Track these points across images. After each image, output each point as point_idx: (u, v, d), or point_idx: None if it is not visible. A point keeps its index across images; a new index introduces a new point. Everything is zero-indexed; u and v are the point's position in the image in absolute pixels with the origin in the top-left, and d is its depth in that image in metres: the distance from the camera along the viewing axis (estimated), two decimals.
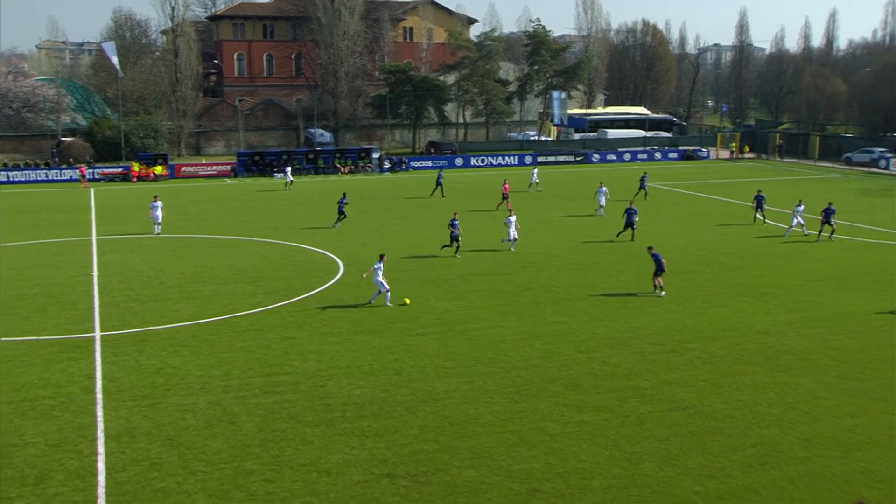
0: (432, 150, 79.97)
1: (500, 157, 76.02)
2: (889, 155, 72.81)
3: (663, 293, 29.35)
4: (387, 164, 71.47)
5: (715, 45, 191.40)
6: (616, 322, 26.39)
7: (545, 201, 52.30)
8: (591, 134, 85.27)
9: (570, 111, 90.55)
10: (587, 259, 35.51)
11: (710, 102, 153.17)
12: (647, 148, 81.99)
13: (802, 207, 40.55)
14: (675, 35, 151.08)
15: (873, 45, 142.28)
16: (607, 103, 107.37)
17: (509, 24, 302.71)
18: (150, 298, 29.20)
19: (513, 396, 20.25)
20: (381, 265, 27.88)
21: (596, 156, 78.54)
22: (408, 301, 28.22)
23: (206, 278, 32.13)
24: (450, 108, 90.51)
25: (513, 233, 36.95)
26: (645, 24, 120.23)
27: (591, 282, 31.62)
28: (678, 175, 67.55)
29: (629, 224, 38.79)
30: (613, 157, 79.05)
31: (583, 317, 26.97)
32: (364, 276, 28.88)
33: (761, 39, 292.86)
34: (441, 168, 66.85)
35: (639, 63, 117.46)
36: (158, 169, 65.67)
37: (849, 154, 77.41)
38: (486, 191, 56.60)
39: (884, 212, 47.23)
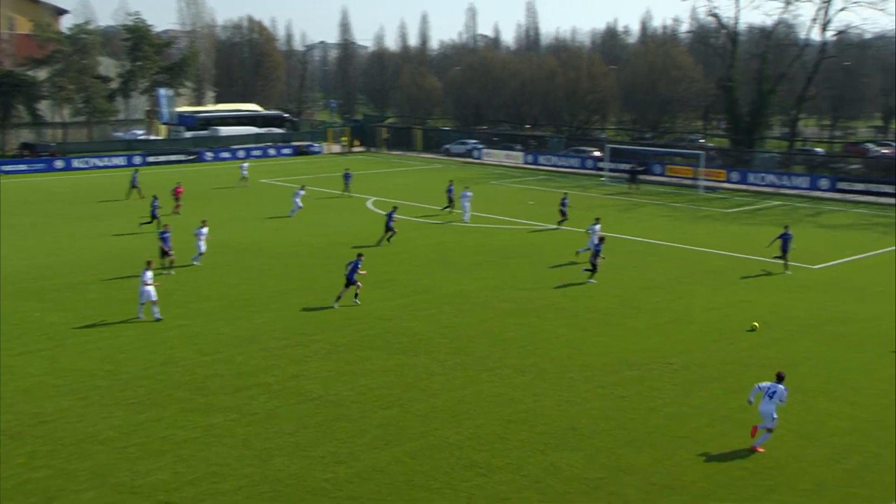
0: (26, 153, 72.99)
1: (105, 159, 71.51)
2: (480, 146, 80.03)
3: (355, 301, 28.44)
4: None
5: (321, 42, 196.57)
6: (240, 321, 26.16)
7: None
8: (203, 132, 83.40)
9: (179, 109, 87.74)
10: (213, 260, 34.69)
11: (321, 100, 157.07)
12: (261, 144, 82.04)
13: (599, 227, 35.59)
14: (281, 32, 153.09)
15: (460, 46, 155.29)
16: (218, 100, 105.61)
17: (105, 17, 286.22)
18: None
19: (135, 408, 19.25)
20: None
21: (209, 154, 77.01)
22: (756, 325, 25.79)
23: None
24: (44, 107, 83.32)
25: (202, 245, 33.77)
26: (251, 20, 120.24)
27: (211, 282, 31.03)
28: (293, 170, 68.52)
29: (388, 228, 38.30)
30: (227, 154, 78.06)
31: (206, 318, 26.37)
32: None
33: (364, 38, 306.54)
34: (136, 168, 60.38)
35: (247, 60, 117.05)
36: None
37: (447, 146, 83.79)
38: (93, 194, 53.10)
39: (479, 198, 51.79)
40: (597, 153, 71.94)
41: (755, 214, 48.67)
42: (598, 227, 35.10)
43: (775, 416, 17.24)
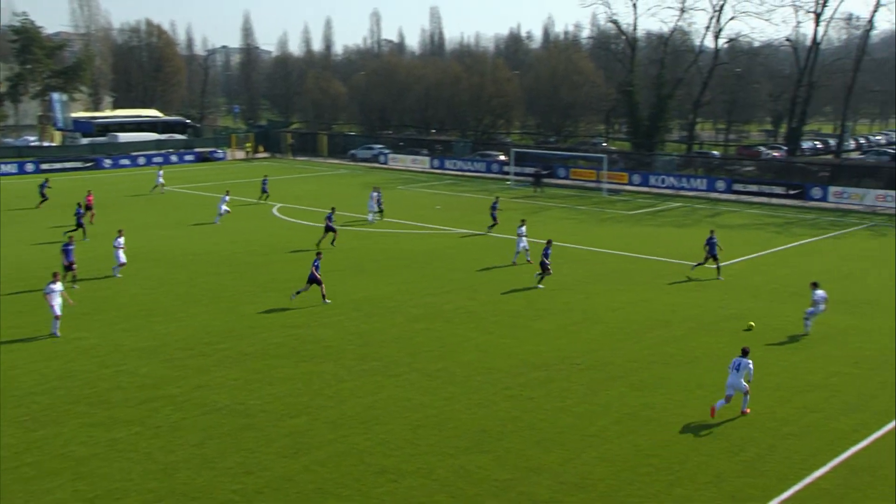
0: None
1: None
2: (387, 151, 79.98)
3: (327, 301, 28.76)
4: None
5: (223, 47, 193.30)
6: (142, 331, 25.48)
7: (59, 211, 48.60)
8: (101, 138, 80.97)
9: (74, 114, 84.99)
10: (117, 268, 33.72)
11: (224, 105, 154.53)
12: (162, 151, 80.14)
13: (524, 228, 35.88)
14: (181, 36, 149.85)
15: (365, 51, 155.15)
16: (116, 106, 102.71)
17: None
18: None
19: (28, 425, 18.52)
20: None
21: (108, 161, 74.77)
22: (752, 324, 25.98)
23: None
24: None
25: (122, 256, 32.69)
26: (149, 23, 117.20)
27: (111, 292, 30.14)
28: (196, 177, 67.13)
29: (330, 228, 38.50)
30: (127, 161, 75.97)
31: (105, 329, 25.58)
32: None
33: (267, 42, 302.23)
34: (46, 176, 57.46)
35: (146, 64, 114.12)
36: None
37: (353, 151, 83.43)
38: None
39: (387, 203, 51.67)
40: (502, 157, 72.72)
41: (657, 216, 49.95)
42: (523, 228, 35.56)
43: (745, 384, 19.13)
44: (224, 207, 45.78)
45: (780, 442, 17.97)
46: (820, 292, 25.66)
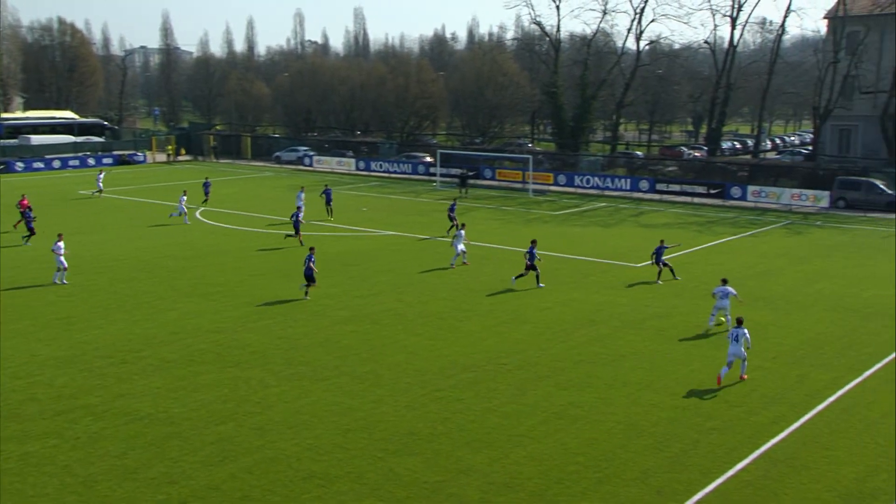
0: None
1: None
2: (311, 153, 79.27)
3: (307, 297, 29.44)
4: None
5: (142, 47, 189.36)
6: (59, 340, 24.69)
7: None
8: (12, 141, 78.32)
9: None
10: (26, 276, 32.59)
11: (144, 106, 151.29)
12: (79, 154, 78.00)
13: (464, 232, 36.00)
14: (97, 35, 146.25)
15: (288, 52, 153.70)
16: (28, 107, 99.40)
17: None
18: None
19: None
20: None
21: (20, 164, 72.47)
22: None
23: None
24: None
25: (63, 261, 31.63)
26: (62, 22, 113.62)
27: (25, 300, 29.16)
28: (115, 180, 65.48)
29: (296, 225, 39.72)
30: (41, 164, 73.74)
31: (19, 339, 24.71)
32: None
33: (187, 43, 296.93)
34: None
35: (60, 64, 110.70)
36: None
37: (278, 153, 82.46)
38: None
39: (312, 205, 51.19)
40: (428, 159, 72.74)
41: (582, 216, 50.56)
42: (463, 232, 35.50)
43: (744, 351, 21.32)
44: (183, 207, 46.04)
45: (703, 437, 18.31)
46: (722, 288, 26.17)
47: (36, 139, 79.26)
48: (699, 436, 18.35)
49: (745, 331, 21.48)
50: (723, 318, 26.44)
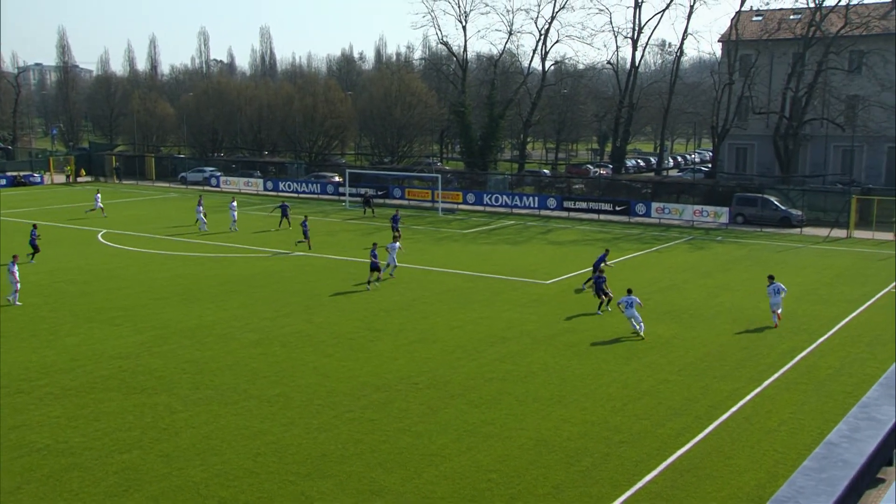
0: None
1: None
2: (218, 173, 77.98)
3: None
4: None
5: (37, 64, 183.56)
6: None
7: None
8: None
9: None
10: None
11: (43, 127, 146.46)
12: None
13: (398, 245, 37.55)
14: None
15: (193, 72, 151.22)
16: None
17: None
18: None
19: None
20: None
21: None
22: None
23: None
24: None
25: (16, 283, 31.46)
26: None
27: None
28: (11, 203, 63.11)
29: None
30: None
31: None
32: None
33: (86, 61, 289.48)
34: None
35: None
36: None
37: (184, 174, 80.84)
38: None
39: (215, 225, 50.24)
40: (337, 178, 72.39)
41: (491, 234, 51.00)
42: (397, 244, 36.13)
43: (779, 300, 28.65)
44: (201, 215, 48.83)
45: (613, 449, 18.60)
46: (627, 298, 27.64)
47: None
48: (609, 449, 18.63)
49: (780, 284, 28.78)
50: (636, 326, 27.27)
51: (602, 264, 33.59)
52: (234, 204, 51.08)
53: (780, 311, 28.98)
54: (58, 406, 20.96)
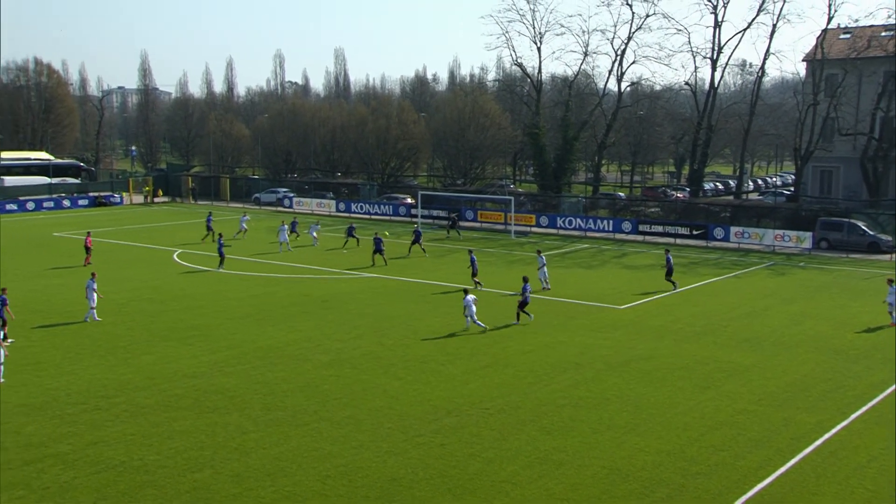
0: None
1: None
2: (291, 194, 79.03)
3: None
4: None
5: (120, 87, 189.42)
6: (28, 386, 24.05)
7: None
8: None
9: None
10: None
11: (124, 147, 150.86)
12: (54, 196, 77.39)
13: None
14: (74, 76, 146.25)
15: (268, 93, 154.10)
16: (2, 148, 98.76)
17: None
18: None
19: None
20: None
21: None
22: None
23: None
24: None
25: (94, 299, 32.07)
26: (38, 62, 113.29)
27: None
28: (91, 223, 64.85)
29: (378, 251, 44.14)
30: (14, 206, 72.95)
31: None
32: None
33: (166, 83, 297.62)
34: None
35: (35, 105, 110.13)
36: None
37: (257, 194, 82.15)
38: None
39: (293, 245, 50.80)
40: (409, 200, 72.63)
41: (564, 257, 50.39)
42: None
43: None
44: (284, 235, 50.36)
45: (689, 481, 17.93)
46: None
47: (9, 180, 78.53)
48: (685, 480, 17.98)
49: None
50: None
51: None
52: (318, 226, 52.25)
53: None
54: (133, 423, 21.18)
